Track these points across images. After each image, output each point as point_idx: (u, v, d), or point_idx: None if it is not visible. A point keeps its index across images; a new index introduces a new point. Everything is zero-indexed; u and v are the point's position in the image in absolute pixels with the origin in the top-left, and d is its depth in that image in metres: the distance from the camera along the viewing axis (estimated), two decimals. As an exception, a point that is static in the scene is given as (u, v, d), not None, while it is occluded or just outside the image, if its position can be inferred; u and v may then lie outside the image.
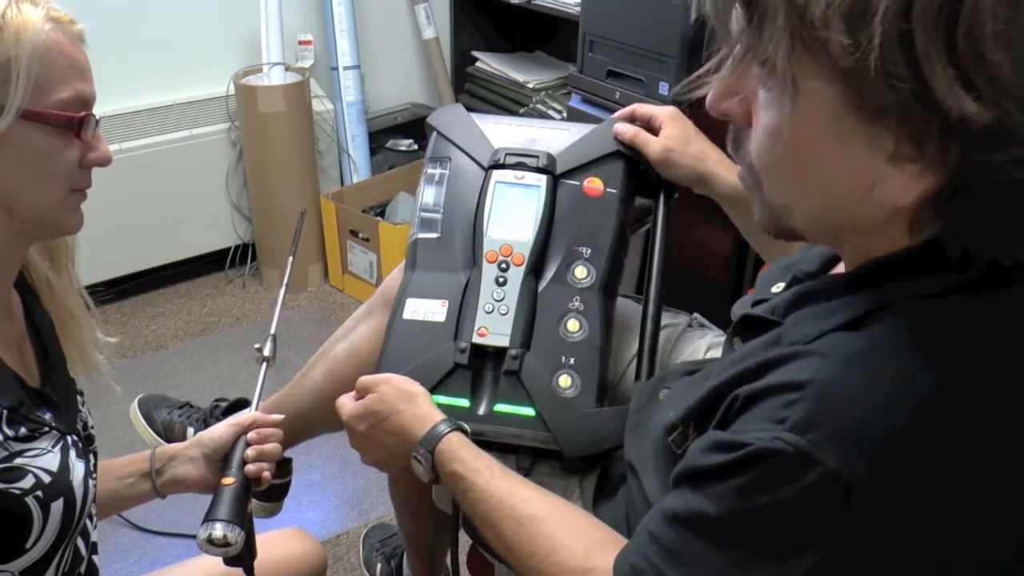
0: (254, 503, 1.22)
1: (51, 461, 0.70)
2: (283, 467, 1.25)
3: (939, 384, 0.49)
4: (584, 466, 0.87)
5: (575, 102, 1.81)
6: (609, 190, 0.96)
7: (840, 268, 0.62)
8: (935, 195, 0.49)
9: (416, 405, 0.79)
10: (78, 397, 0.80)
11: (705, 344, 0.98)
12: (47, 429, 0.71)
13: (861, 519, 0.49)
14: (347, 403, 0.83)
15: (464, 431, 0.77)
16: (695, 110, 0.69)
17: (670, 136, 0.95)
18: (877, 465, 0.48)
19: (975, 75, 0.43)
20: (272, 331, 1.00)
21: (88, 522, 0.78)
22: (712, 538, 0.53)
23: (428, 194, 0.99)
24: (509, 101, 2.33)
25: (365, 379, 0.83)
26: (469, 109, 1.07)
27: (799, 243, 0.81)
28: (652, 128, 0.97)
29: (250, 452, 0.86)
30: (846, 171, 0.50)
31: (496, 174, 0.96)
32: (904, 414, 0.49)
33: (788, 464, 0.49)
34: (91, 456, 0.78)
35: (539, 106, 2.22)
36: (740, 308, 0.69)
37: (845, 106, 0.47)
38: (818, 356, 0.51)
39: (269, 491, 1.22)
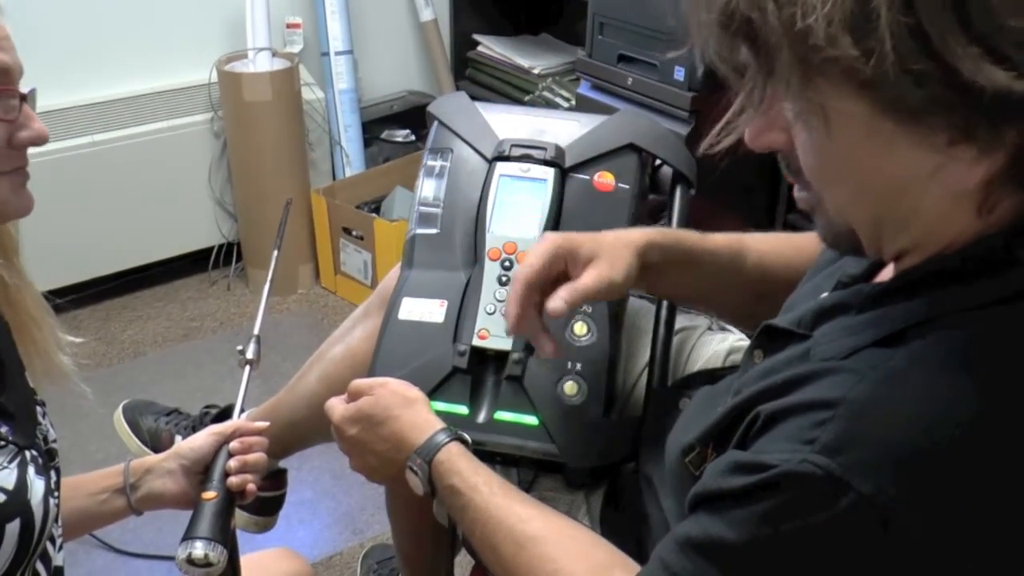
0: (245, 518, 1.23)
1: (7, 478, 0.70)
2: (277, 479, 1.25)
3: (986, 408, 0.49)
4: (590, 480, 0.87)
5: (584, 89, 1.82)
6: (621, 185, 0.97)
7: (887, 271, 0.62)
8: (1006, 170, 0.49)
9: (415, 411, 0.80)
10: (38, 408, 0.80)
11: (726, 348, 0.99)
12: (3, 443, 0.71)
13: (898, 549, 0.49)
14: (338, 405, 0.84)
15: (465, 441, 0.78)
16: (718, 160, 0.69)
17: (603, 273, 0.74)
18: (916, 492, 0.48)
19: (1001, 46, 0.44)
20: (255, 332, 1.01)
21: (50, 544, 0.78)
22: (731, 566, 0.53)
23: (427, 187, 1.00)
24: (513, 88, 2.33)
25: (359, 382, 0.84)
26: (471, 97, 1.07)
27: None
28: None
29: (232, 463, 0.86)
30: (900, 171, 0.51)
31: (500, 167, 0.97)
32: (947, 439, 0.49)
33: (818, 489, 0.49)
34: (52, 473, 0.77)
35: (545, 93, 2.23)
36: None
37: (880, 115, 0.48)
38: (851, 373, 0.51)
39: (262, 505, 1.23)
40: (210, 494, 0.84)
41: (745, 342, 0.99)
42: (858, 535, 0.49)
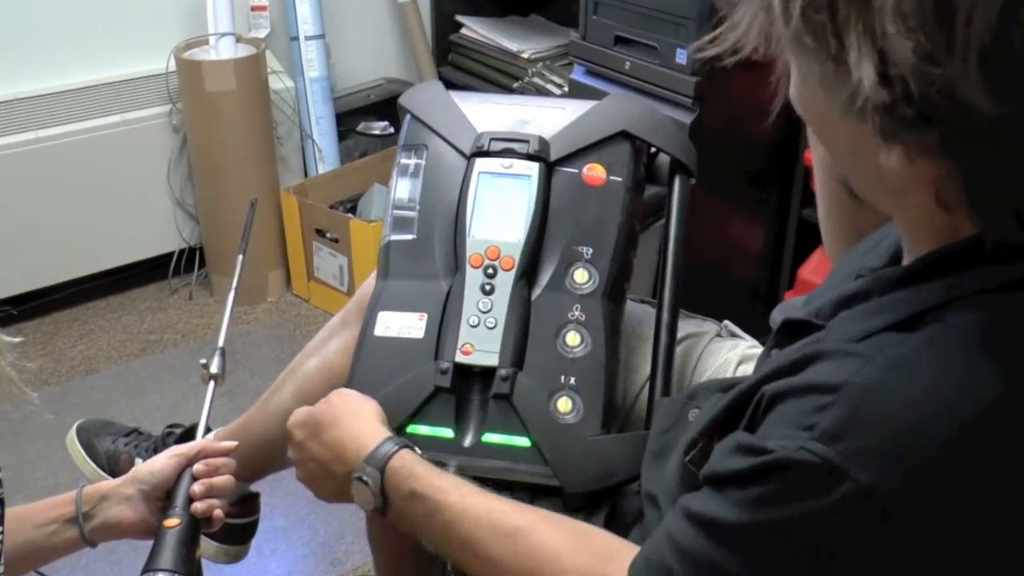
0: (214, 547, 1.23)
1: None
2: (247, 504, 1.26)
3: (1000, 394, 0.51)
4: (589, 504, 0.88)
5: (577, 74, 1.83)
6: (613, 178, 0.97)
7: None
8: (947, 178, 0.52)
9: (361, 421, 0.82)
10: None
11: (736, 356, 0.99)
12: None
13: (898, 540, 0.52)
14: (300, 411, 0.87)
15: (414, 452, 0.80)
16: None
17: None
18: (919, 483, 0.51)
19: (888, 53, 0.48)
20: (220, 343, 1.02)
21: None
22: (727, 545, 0.57)
23: (402, 188, 1.00)
24: (500, 74, 2.34)
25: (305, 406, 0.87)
26: (453, 85, 1.08)
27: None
28: None
29: (197, 487, 0.87)
30: (848, 138, 0.55)
31: (480, 163, 0.98)
32: (955, 427, 0.51)
33: (813, 476, 0.52)
34: None
35: (536, 79, 2.24)
36: (782, 313, 0.70)
37: (824, 91, 0.53)
38: (858, 357, 0.53)
39: (231, 532, 1.23)
40: (173, 521, 0.84)
41: (758, 349, 1.00)
42: (856, 524, 0.52)
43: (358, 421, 0.82)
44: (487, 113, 1.02)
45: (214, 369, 1.01)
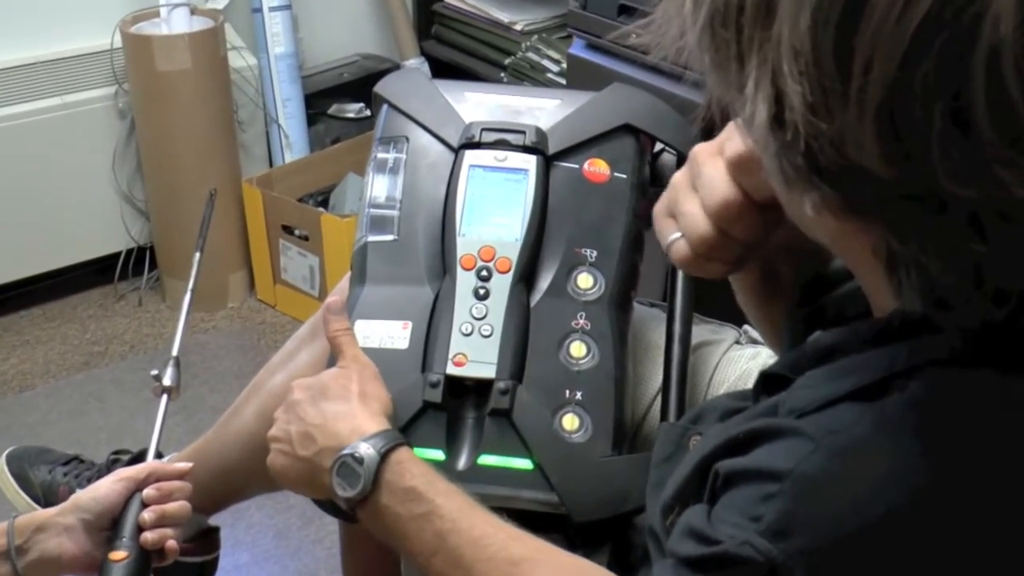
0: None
1: None
2: (207, 539, 1.26)
3: (952, 491, 0.52)
4: (594, 539, 0.88)
5: (577, 49, 1.83)
6: (617, 175, 0.98)
7: None
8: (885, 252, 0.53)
9: (369, 406, 0.83)
10: None
11: (758, 366, 0.99)
12: None
13: None
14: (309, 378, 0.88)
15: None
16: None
17: None
18: None
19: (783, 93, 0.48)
20: (174, 353, 1.01)
21: None
22: None
23: (379, 186, 1.00)
24: (491, 49, 2.34)
25: (348, 340, 0.88)
26: (438, 61, 1.08)
27: None
28: None
29: (147, 515, 0.87)
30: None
31: (470, 156, 0.98)
32: (904, 528, 0.52)
33: (757, 574, 0.54)
34: None
35: (530, 54, 2.24)
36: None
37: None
38: (807, 439, 0.55)
39: (187, 571, 1.22)
40: (119, 555, 0.85)
41: (779, 359, 1.00)
42: None
43: (366, 406, 0.83)
44: (475, 102, 1.03)
45: (167, 381, 1.01)
